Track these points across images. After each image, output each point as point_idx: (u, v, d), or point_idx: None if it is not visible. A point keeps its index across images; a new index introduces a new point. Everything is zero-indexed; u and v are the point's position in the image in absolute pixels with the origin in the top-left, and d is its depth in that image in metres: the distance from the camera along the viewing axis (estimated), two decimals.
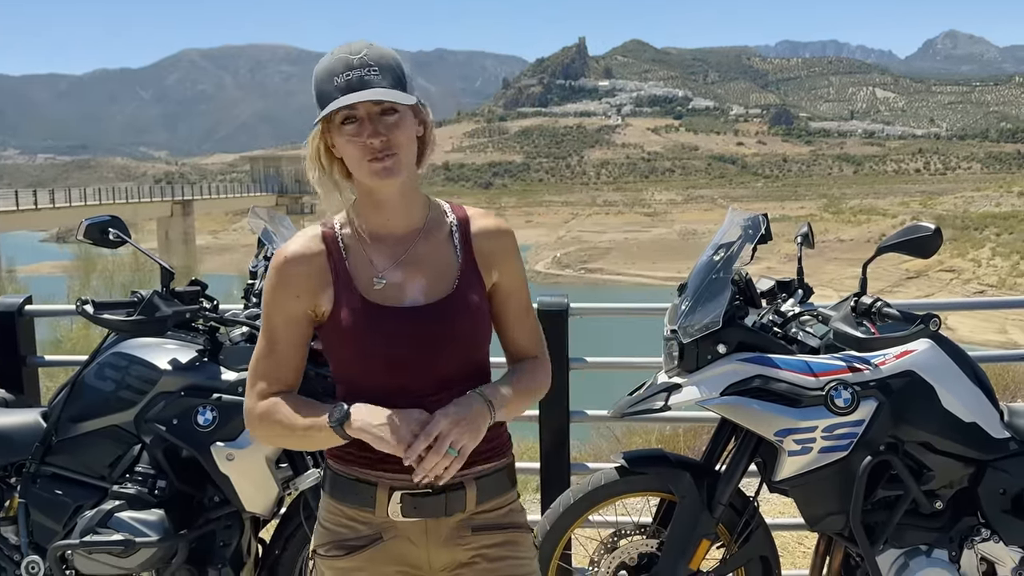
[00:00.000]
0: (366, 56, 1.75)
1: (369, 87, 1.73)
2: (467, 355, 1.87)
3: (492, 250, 1.92)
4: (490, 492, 1.88)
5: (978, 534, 2.81)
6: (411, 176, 1.83)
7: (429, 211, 1.90)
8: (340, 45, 1.80)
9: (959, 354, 2.84)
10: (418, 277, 1.84)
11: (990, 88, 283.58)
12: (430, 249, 1.87)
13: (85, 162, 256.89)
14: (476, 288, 1.88)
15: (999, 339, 42.80)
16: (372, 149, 1.74)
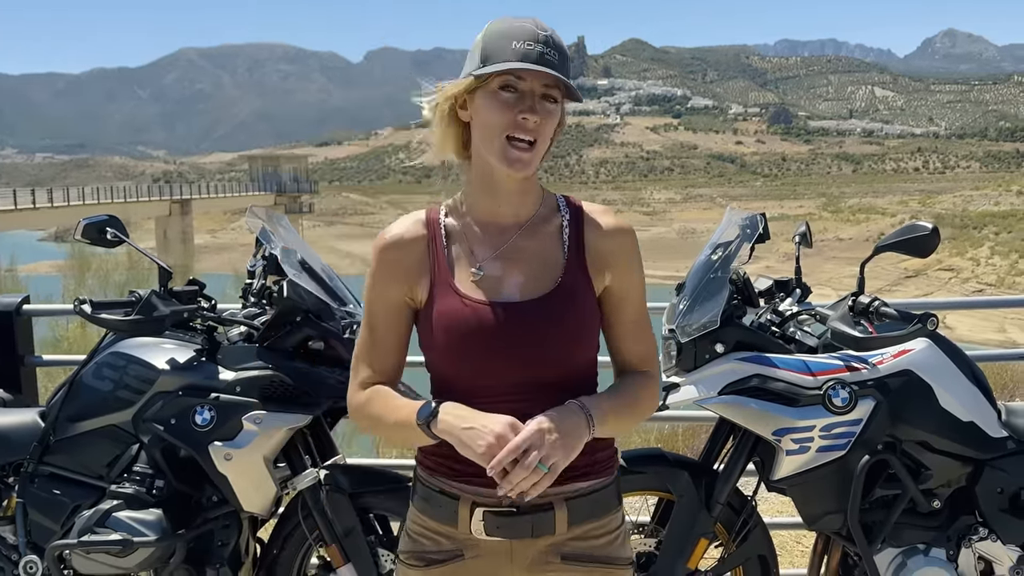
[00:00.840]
0: (551, 37, 1.66)
1: (549, 67, 1.63)
2: (561, 360, 1.71)
3: (608, 249, 1.78)
4: (584, 515, 1.72)
5: (976, 533, 2.81)
6: (535, 172, 1.75)
7: (541, 204, 1.80)
8: (520, 16, 1.71)
9: (957, 353, 2.84)
10: (516, 272, 1.74)
11: (989, 87, 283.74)
12: (535, 243, 1.76)
13: (83, 161, 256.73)
14: (581, 289, 1.74)
15: (998, 338, 42.84)
16: (522, 127, 1.64)
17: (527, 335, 1.68)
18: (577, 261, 1.75)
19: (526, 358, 1.68)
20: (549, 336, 1.69)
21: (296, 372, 2.80)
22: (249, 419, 2.72)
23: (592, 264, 1.76)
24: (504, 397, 1.68)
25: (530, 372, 1.69)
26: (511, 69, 1.63)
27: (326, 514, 2.83)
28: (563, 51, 1.68)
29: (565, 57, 1.67)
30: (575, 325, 1.71)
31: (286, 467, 2.92)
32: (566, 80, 1.65)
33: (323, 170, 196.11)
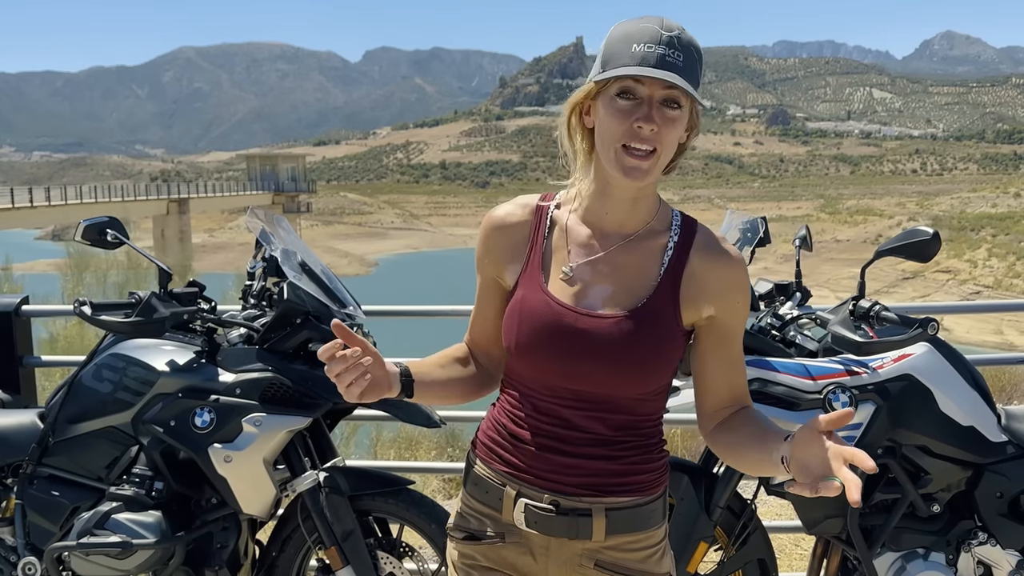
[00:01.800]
0: (677, 37, 1.57)
1: (671, 70, 1.54)
2: (626, 381, 1.65)
3: (713, 280, 1.68)
4: (622, 527, 1.70)
5: (975, 537, 2.81)
6: (654, 183, 1.67)
7: (654, 218, 1.71)
8: (648, 16, 1.62)
9: (957, 358, 2.84)
10: (606, 282, 1.68)
11: (987, 89, 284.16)
12: (634, 258, 1.69)
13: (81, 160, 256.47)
14: (665, 316, 1.66)
15: (995, 340, 42.93)
16: (637, 136, 1.57)
17: (590, 349, 1.64)
18: (670, 286, 1.67)
19: (582, 371, 1.65)
20: (619, 355, 1.63)
21: (296, 374, 2.80)
22: (249, 421, 2.72)
23: (688, 293, 1.67)
24: (557, 401, 1.68)
25: (581, 386, 1.66)
26: (628, 75, 1.55)
27: (325, 516, 2.83)
28: (691, 51, 1.59)
29: (693, 58, 1.59)
30: (648, 350, 1.64)
31: (285, 469, 2.92)
32: (685, 86, 1.55)
33: (321, 169, 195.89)
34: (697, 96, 1.59)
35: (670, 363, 1.67)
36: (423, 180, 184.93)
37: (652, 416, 1.73)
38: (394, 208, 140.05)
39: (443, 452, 7.03)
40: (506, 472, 1.74)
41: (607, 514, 1.69)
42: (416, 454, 7.03)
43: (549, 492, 1.69)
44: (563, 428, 1.68)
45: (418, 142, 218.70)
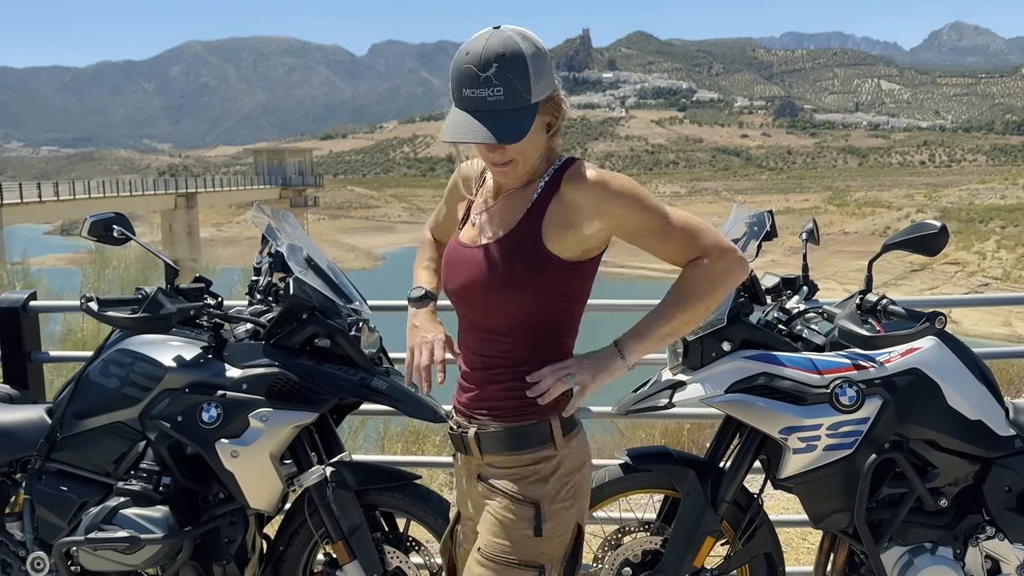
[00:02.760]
0: (493, 65, 1.79)
1: (487, 111, 1.80)
2: (500, 306, 1.96)
3: (580, 203, 1.92)
4: (491, 449, 2.02)
5: (983, 532, 2.80)
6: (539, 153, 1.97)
7: (541, 173, 1.98)
8: (477, 37, 1.84)
9: (964, 351, 2.82)
10: (491, 224, 2.00)
11: (996, 80, 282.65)
12: (514, 201, 1.99)
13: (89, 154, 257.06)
14: (525, 240, 1.93)
15: (1003, 332, 42.77)
16: (492, 160, 1.92)
17: (474, 279, 1.97)
18: (534, 217, 1.94)
19: (472, 300, 2.01)
20: (485, 280, 1.95)
21: (302, 369, 2.80)
22: (255, 416, 2.72)
23: (556, 218, 1.93)
24: (465, 331, 2.07)
25: (475, 314, 2.02)
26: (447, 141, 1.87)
27: (332, 511, 2.84)
28: (510, 71, 1.80)
29: (513, 70, 1.80)
30: (509, 276, 1.93)
31: (292, 464, 2.93)
32: (493, 139, 1.80)
33: (328, 163, 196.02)
34: (514, 134, 1.82)
35: (528, 286, 1.93)
36: (430, 174, 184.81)
37: (530, 344, 1.98)
38: (401, 202, 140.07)
39: (449, 445, 7.04)
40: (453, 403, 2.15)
41: (478, 435, 2.03)
42: (423, 448, 7.04)
43: (457, 415, 2.11)
44: (468, 354, 2.07)
45: (425, 135, 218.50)
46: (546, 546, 1.97)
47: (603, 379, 1.96)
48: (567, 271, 1.96)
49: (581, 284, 2.02)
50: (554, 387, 1.95)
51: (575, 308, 2.04)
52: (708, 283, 1.96)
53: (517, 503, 1.97)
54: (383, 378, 2.87)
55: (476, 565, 1.99)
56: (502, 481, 1.99)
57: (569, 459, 2.03)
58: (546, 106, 1.91)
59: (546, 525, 1.96)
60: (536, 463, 1.98)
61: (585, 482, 2.10)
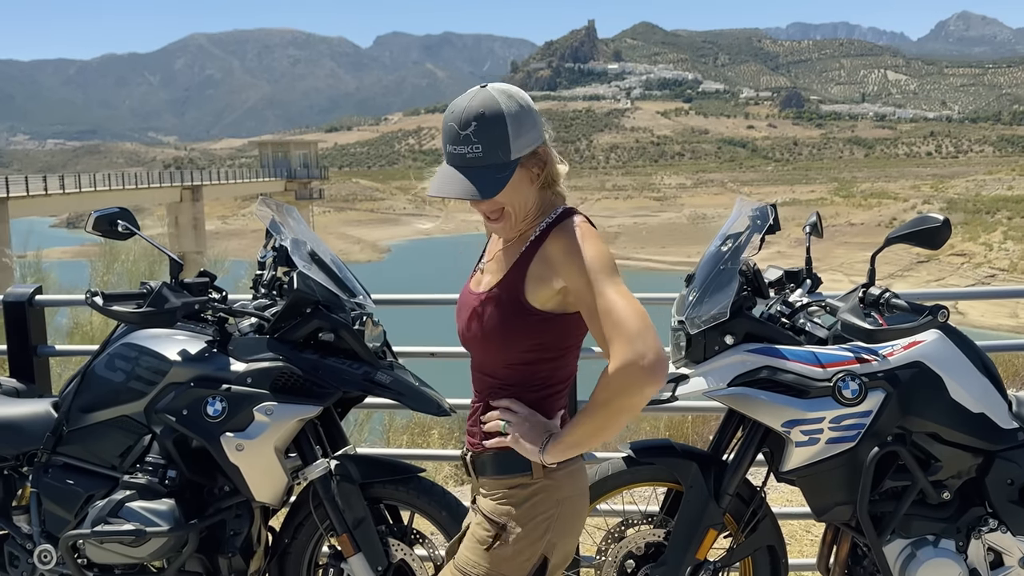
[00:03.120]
0: (472, 125, 1.91)
1: (468, 167, 1.93)
2: (483, 349, 2.08)
3: (552, 255, 1.97)
4: (480, 471, 2.14)
5: (985, 524, 2.81)
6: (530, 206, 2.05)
7: (537, 224, 2.05)
8: (464, 95, 1.97)
9: (967, 344, 2.82)
10: (491, 272, 2.10)
11: (1003, 70, 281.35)
12: (510, 253, 2.07)
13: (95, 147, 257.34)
14: (509, 295, 2.01)
15: (1010, 323, 42.64)
16: (483, 211, 2.03)
17: (468, 324, 2.08)
18: (520, 268, 2.01)
19: (469, 342, 2.11)
20: (475, 327, 2.06)
21: (307, 363, 2.81)
22: (260, 410, 2.74)
23: (536, 271, 1.99)
24: (473, 366, 2.18)
25: (475, 355, 2.14)
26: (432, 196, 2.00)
27: (337, 504, 2.85)
28: (489, 133, 1.91)
29: (491, 131, 1.91)
30: (490, 325, 2.02)
31: (297, 457, 2.94)
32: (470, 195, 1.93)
33: (333, 156, 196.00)
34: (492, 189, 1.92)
35: (513, 333, 2.01)
36: (435, 166, 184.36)
37: (512, 387, 2.07)
38: (406, 194, 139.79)
39: (453, 438, 7.06)
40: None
41: (473, 458, 2.16)
42: (428, 440, 7.06)
43: (468, 440, 2.20)
44: (474, 388, 2.18)
45: (430, 128, 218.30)
46: (506, 566, 2.03)
47: (519, 449, 2.03)
48: (550, 323, 2.00)
49: (565, 336, 2.03)
50: (490, 425, 2.08)
51: (564, 356, 2.07)
52: (607, 392, 1.87)
53: (489, 521, 2.07)
54: (387, 372, 2.88)
55: (448, 571, 2.15)
56: (484, 500, 2.11)
57: (550, 490, 2.05)
58: (529, 160, 1.98)
59: (507, 548, 2.02)
60: (512, 487, 2.06)
61: (567, 517, 2.10)
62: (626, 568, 2.93)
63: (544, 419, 2.07)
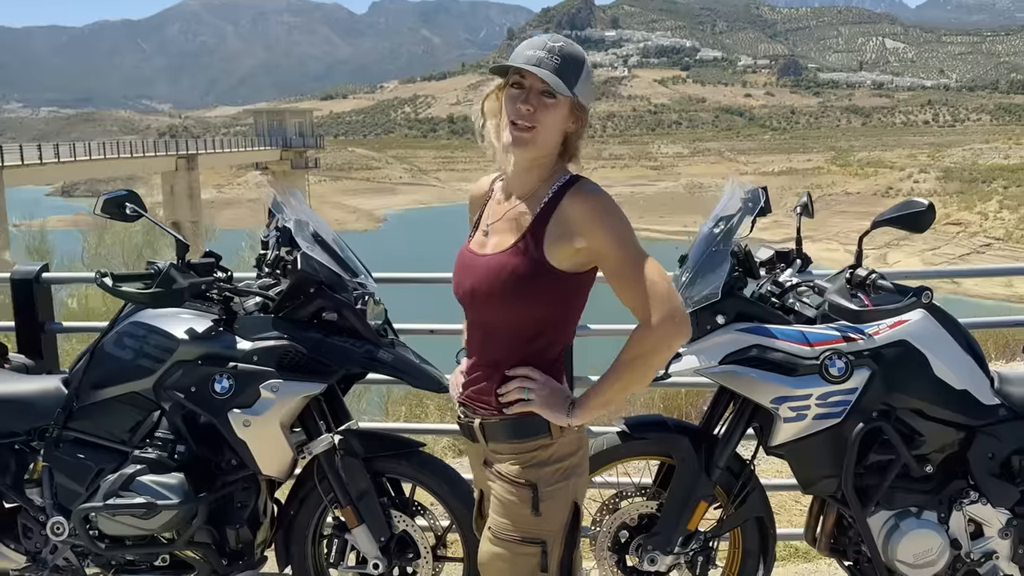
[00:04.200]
0: (558, 47, 2.06)
1: (545, 68, 2.03)
2: (499, 309, 2.14)
3: (573, 217, 2.08)
4: (495, 437, 2.21)
5: (967, 497, 2.91)
6: (545, 157, 2.13)
7: (546, 186, 2.14)
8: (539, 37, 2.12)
9: (951, 323, 2.91)
10: (500, 233, 2.16)
11: (1001, 38, 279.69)
12: (521, 213, 2.15)
13: (89, 115, 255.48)
14: (527, 252, 2.10)
15: (1005, 292, 42.80)
16: (519, 113, 2.05)
17: (481, 284, 2.14)
18: (538, 228, 2.10)
19: (478, 303, 2.17)
20: (490, 286, 2.12)
21: (311, 341, 2.89)
22: (266, 387, 2.82)
23: (555, 231, 2.09)
24: (472, 331, 2.25)
25: (481, 316, 2.18)
26: (512, 68, 2.06)
27: (341, 477, 2.95)
28: (569, 58, 2.07)
29: (569, 64, 2.06)
30: (513, 283, 2.09)
31: (301, 432, 3.03)
32: (546, 77, 2.02)
33: (328, 124, 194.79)
34: (556, 86, 2.03)
35: (530, 294, 2.09)
36: (431, 134, 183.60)
37: (528, 346, 2.16)
38: (402, 163, 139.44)
39: (449, 410, 7.17)
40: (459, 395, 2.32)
41: (482, 425, 2.21)
42: (426, 411, 7.17)
43: (463, 407, 2.28)
44: (473, 351, 2.24)
45: (425, 96, 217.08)
46: (546, 523, 2.13)
47: (545, 415, 2.14)
48: (564, 281, 2.12)
49: (577, 294, 2.17)
50: (511, 393, 2.15)
51: (570, 316, 2.20)
52: (641, 347, 2.10)
53: (517, 486, 2.13)
54: (388, 350, 2.96)
55: (487, 542, 2.20)
56: (504, 466, 2.17)
57: (565, 445, 2.18)
58: (576, 110, 2.12)
59: (543, 504, 2.12)
60: (534, 450, 2.15)
61: (580, 463, 2.25)
62: (620, 538, 3.04)
63: (558, 384, 2.17)
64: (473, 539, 2.55)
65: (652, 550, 2.95)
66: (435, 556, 3.08)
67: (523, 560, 2.12)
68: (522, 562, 2.12)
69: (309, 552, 3.14)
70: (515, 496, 2.14)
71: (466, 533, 2.99)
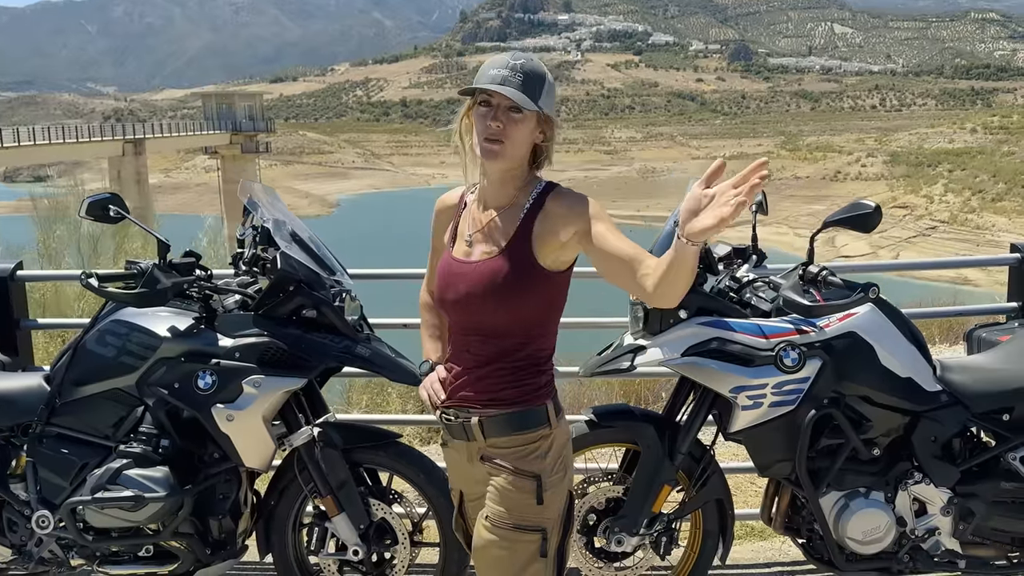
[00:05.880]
0: (520, 65, 2.17)
1: (508, 87, 2.14)
2: (496, 312, 2.21)
3: (558, 211, 2.19)
4: (495, 431, 2.26)
5: (911, 477, 3.12)
6: (516, 168, 2.23)
7: (524, 195, 2.25)
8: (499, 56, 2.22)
9: (897, 315, 3.11)
10: (484, 241, 2.26)
11: (946, 24, 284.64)
12: (504, 221, 2.25)
13: (31, 99, 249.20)
14: (519, 256, 2.20)
15: (950, 275, 43.75)
16: (489, 130, 2.16)
17: (475, 289, 2.21)
18: (525, 232, 2.21)
19: (472, 308, 2.23)
20: (485, 292, 2.20)
21: (291, 338, 3.00)
22: (248, 383, 2.93)
23: (542, 229, 2.20)
24: (463, 336, 2.29)
25: (475, 320, 2.24)
26: (478, 88, 2.16)
27: (321, 468, 3.07)
28: (531, 75, 2.18)
29: (533, 80, 2.17)
30: (508, 286, 2.19)
31: (281, 425, 3.14)
32: (510, 94, 2.12)
33: (278, 107, 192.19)
34: (522, 102, 2.13)
35: (528, 293, 2.19)
36: (384, 118, 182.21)
37: (526, 345, 2.25)
38: (355, 147, 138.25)
39: (411, 398, 7.28)
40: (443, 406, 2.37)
41: (481, 422, 2.27)
42: (387, 400, 7.28)
43: (454, 407, 2.32)
44: (463, 355, 2.29)
45: (378, 79, 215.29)
46: (547, 512, 2.25)
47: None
48: (551, 280, 2.23)
49: (561, 291, 2.28)
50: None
51: (554, 316, 2.31)
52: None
53: (520, 476, 2.23)
54: (365, 345, 3.08)
55: (485, 531, 2.26)
56: (506, 459, 2.25)
57: (560, 436, 2.31)
58: (542, 122, 2.23)
59: (546, 494, 2.23)
60: (535, 441, 2.25)
61: (571, 454, 2.38)
62: (588, 521, 3.20)
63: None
64: (449, 524, 2.68)
65: (619, 532, 3.12)
66: (412, 542, 3.21)
67: (523, 547, 2.22)
68: (521, 549, 2.22)
69: (290, 540, 3.25)
70: (518, 487, 2.23)
71: (442, 519, 3.12)
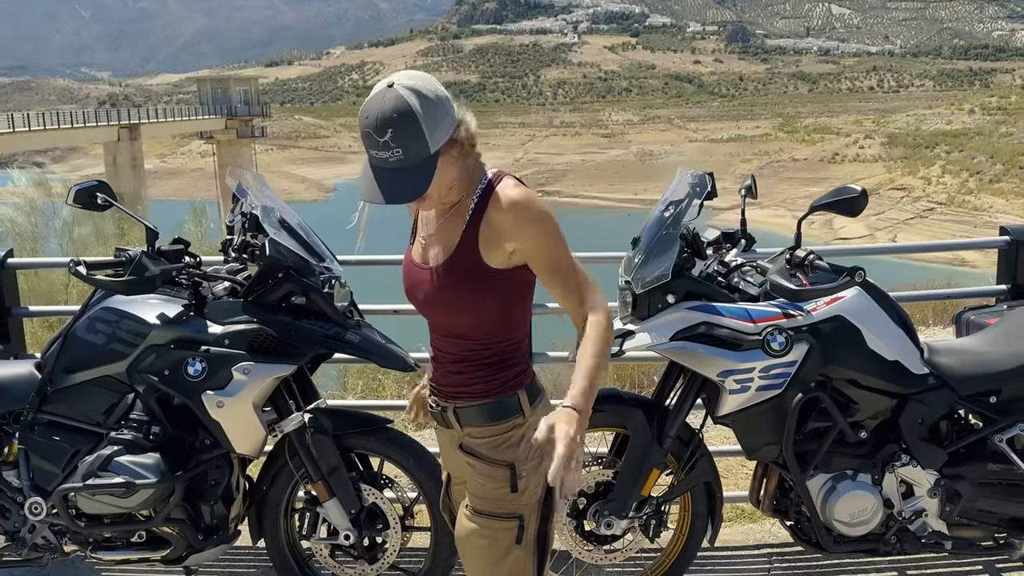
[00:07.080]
0: (389, 135, 1.99)
1: (391, 169, 2.02)
2: (454, 317, 2.22)
3: (502, 223, 2.12)
4: (470, 421, 2.28)
5: (898, 460, 3.14)
6: (451, 188, 2.15)
7: (469, 195, 2.17)
8: (374, 97, 2.05)
9: (884, 298, 3.12)
10: (436, 244, 2.21)
11: (944, 4, 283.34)
12: (451, 224, 2.19)
13: (25, 84, 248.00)
14: (467, 261, 2.15)
15: (946, 256, 43.80)
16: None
17: (431, 296, 2.21)
18: (471, 236, 2.15)
19: (433, 311, 2.25)
20: (441, 297, 2.19)
21: (280, 325, 3.01)
22: (238, 369, 2.94)
23: (487, 236, 2.14)
24: (435, 333, 2.32)
25: (437, 322, 2.27)
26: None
27: (312, 454, 3.08)
28: (402, 134, 1.99)
29: (407, 137, 1.99)
30: (460, 293, 2.17)
31: (272, 411, 3.16)
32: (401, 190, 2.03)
33: (274, 91, 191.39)
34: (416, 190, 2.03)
35: (482, 296, 2.16)
36: None
37: (489, 343, 2.23)
38: (351, 131, 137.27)
39: (405, 383, 7.30)
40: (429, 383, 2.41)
41: (456, 411, 2.30)
42: (383, 386, 7.30)
43: (434, 396, 2.36)
44: (438, 350, 2.31)
45: (374, 62, 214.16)
46: (522, 499, 2.26)
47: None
48: (506, 277, 2.18)
49: (522, 283, 2.23)
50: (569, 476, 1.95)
51: (522, 306, 2.28)
52: (608, 337, 2.14)
53: (495, 466, 2.25)
54: (355, 331, 3.09)
55: (465, 519, 2.30)
56: (481, 448, 2.27)
57: (536, 423, 2.24)
58: (448, 146, 2.08)
59: (520, 481, 2.25)
60: (508, 431, 2.26)
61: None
62: (578, 505, 3.23)
63: (556, 411, 2.02)
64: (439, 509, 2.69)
65: (608, 515, 3.14)
66: (403, 526, 3.24)
67: (502, 535, 2.24)
68: (501, 536, 2.25)
69: (281, 526, 3.28)
70: (493, 475, 2.25)
71: (432, 504, 3.14)
